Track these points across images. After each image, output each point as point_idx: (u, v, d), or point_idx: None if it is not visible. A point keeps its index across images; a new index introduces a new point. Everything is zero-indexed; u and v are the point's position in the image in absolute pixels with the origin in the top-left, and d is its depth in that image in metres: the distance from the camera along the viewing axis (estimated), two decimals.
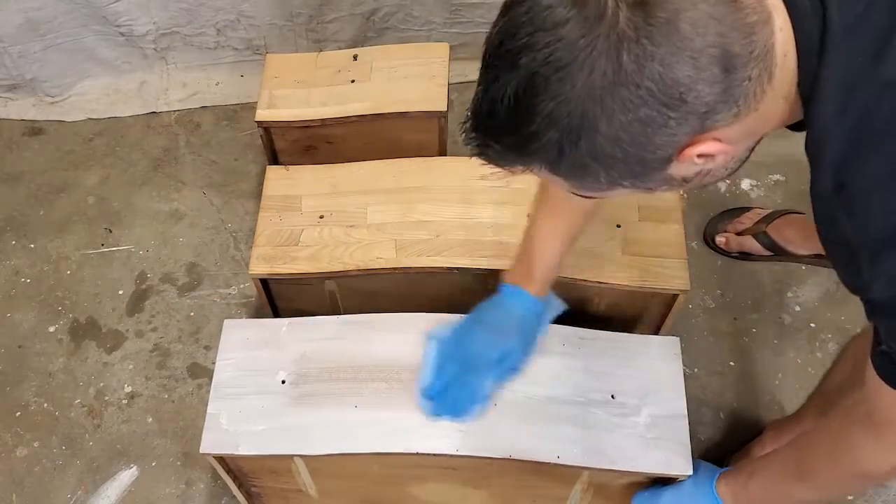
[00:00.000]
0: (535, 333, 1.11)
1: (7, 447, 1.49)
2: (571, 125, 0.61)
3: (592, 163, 0.64)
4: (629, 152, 0.62)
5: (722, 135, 0.64)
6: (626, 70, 0.58)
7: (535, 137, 0.62)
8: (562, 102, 0.60)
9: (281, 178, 1.41)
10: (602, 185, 0.67)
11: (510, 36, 0.62)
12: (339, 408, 1.11)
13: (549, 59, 0.59)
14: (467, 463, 1.11)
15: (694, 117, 0.61)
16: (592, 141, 0.62)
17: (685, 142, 0.63)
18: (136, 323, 1.63)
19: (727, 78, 0.60)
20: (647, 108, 0.60)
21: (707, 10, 0.59)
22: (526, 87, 0.61)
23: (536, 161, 0.66)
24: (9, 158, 1.88)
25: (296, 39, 1.88)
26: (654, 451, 1.09)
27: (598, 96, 0.59)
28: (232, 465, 1.17)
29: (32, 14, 1.75)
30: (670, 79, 0.59)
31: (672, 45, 0.58)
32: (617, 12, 0.58)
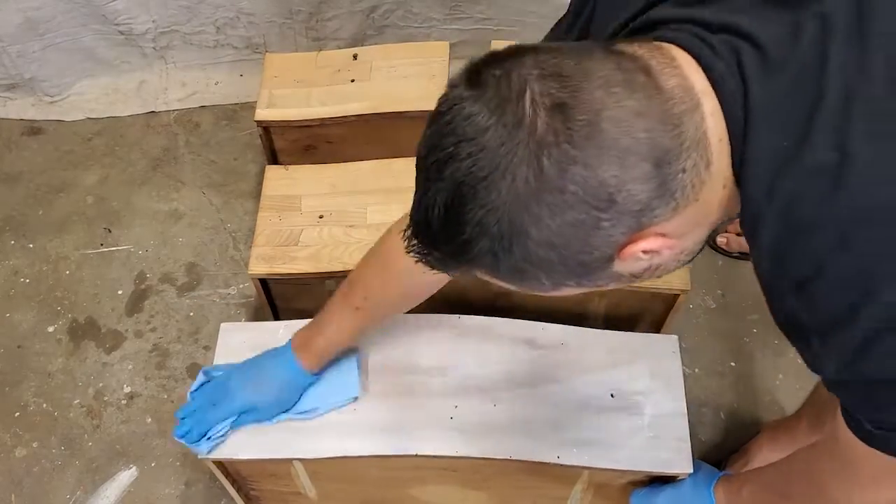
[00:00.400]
0: (292, 397, 1.10)
1: (6, 447, 1.49)
2: (502, 233, 0.59)
3: (530, 267, 0.62)
4: (565, 255, 0.61)
5: (663, 229, 0.62)
6: (548, 175, 0.57)
7: (469, 246, 0.61)
8: (489, 211, 0.59)
9: (280, 177, 1.41)
10: (546, 286, 0.66)
11: (434, 146, 0.61)
12: (338, 410, 1.11)
13: (472, 168, 0.58)
14: (467, 464, 1.10)
15: (628, 216, 0.59)
16: (525, 247, 0.60)
17: (623, 241, 0.61)
18: (135, 323, 1.63)
19: (660, 173, 0.58)
20: (575, 211, 0.58)
21: (631, 106, 0.57)
22: (453, 197, 0.60)
23: (475, 267, 0.64)
24: (8, 158, 1.88)
25: (295, 37, 1.88)
26: (655, 451, 1.09)
27: (524, 203, 0.58)
28: (231, 469, 1.17)
29: (31, 13, 1.75)
30: (595, 181, 0.57)
31: (594, 147, 0.57)
32: (535, 118, 0.57)
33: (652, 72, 0.60)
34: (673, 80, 0.60)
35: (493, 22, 1.86)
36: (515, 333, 1.17)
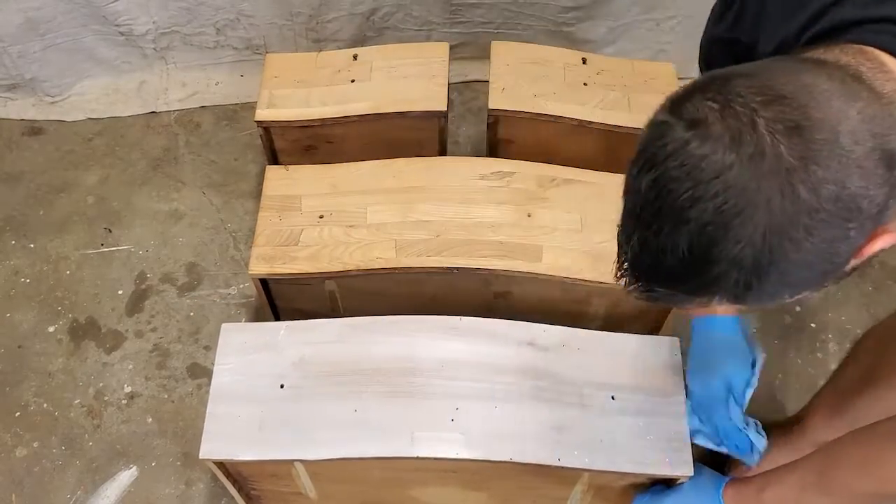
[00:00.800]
0: (747, 343, 1.12)
1: (6, 447, 1.49)
2: (759, 263, 0.60)
3: (782, 288, 0.63)
4: (817, 270, 0.62)
5: (893, 227, 0.63)
6: (803, 199, 0.58)
7: (716, 282, 0.62)
8: (745, 246, 0.60)
9: (281, 177, 1.41)
10: (786, 300, 0.67)
11: (668, 190, 0.61)
12: (338, 411, 1.11)
13: (721, 208, 0.59)
14: (468, 466, 1.10)
15: (869, 221, 0.61)
16: (783, 271, 0.61)
17: (862, 243, 0.63)
18: (135, 323, 1.63)
19: (892, 174, 0.60)
20: (831, 227, 0.59)
21: (857, 117, 0.59)
22: (700, 238, 0.60)
23: (717, 298, 0.65)
24: (8, 158, 1.88)
25: (295, 39, 1.88)
26: (655, 452, 1.09)
27: (784, 230, 0.59)
28: (232, 469, 1.16)
29: (32, 14, 1.75)
30: (846, 195, 0.58)
31: (838, 164, 0.58)
32: (777, 145, 0.57)
33: (864, 78, 0.61)
34: (889, 85, 0.62)
35: (492, 25, 1.86)
36: (516, 335, 1.17)
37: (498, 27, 1.86)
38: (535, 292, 1.33)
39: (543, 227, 1.32)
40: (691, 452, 1.09)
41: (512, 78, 1.48)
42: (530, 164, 1.39)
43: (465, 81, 1.93)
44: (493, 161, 1.43)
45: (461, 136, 1.86)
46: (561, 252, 1.29)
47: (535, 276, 1.29)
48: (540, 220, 1.33)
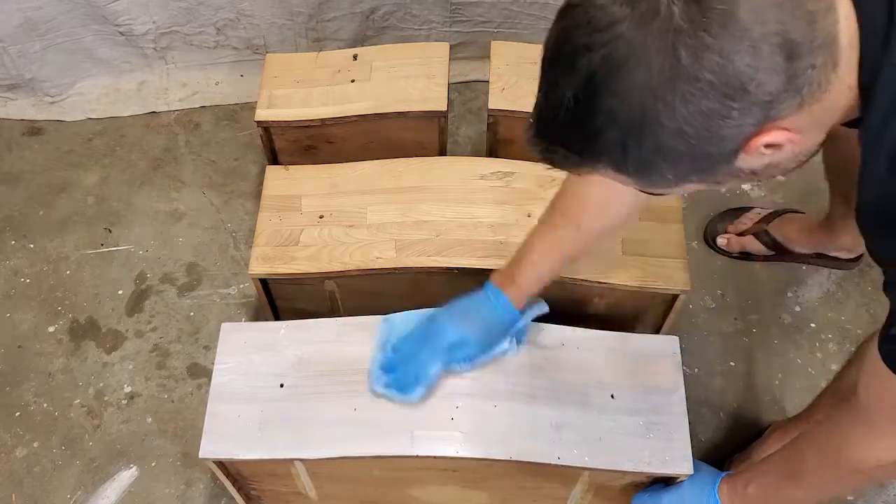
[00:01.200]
0: (497, 337, 1.11)
1: (7, 447, 1.49)
2: (633, 122, 0.61)
3: (658, 159, 0.63)
4: (694, 146, 0.62)
5: (788, 124, 0.63)
6: (683, 63, 0.58)
7: (598, 137, 0.62)
8: (622, 100, 0.60)
9: (281, 178, 1.41)
10: (670, 181, 0.67)
11: (566, 39, 0.62)
12: (338, 411, 1.11)
13: (606, 57, 0.60)
14: (468, 465, 1.11)
15: (758, 108, 0.61)
16: (656, 136, 0.61)
17: (751, 133, 0.62)
18: (135, 323, 1.63)
19: (790, 66, 0.60)
20: (709, 100, 0.59)
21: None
22: (585, 87, 0.61)
23: (602, 162, 0.66)
24: (8, 158, 1.88)
25: (295, 38, 1.88)
26: (655, 452, 1.09)
27: (658, 91, 0.59)
28: (231, 469, 1.17)
29: (32, 14, 1.75)
30: (730, 69, 0.58)
31: (730, 36, 0.58)
32: (671, 7, 0.58)
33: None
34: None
35: (493, 25, 1.86)
36: None
37: (498, 26, 1.86)
38: None
39: None
40: (691, 450, 1.09)
41: (512, 78, 1.47)
42: (530, 164, 1.39)
43: (465, 81, 1.93)
44: (493, 161, 1.43)
45: (461, 136, 1.86)
46: None
47: None
48: None
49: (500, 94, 1.46)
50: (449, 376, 1.13)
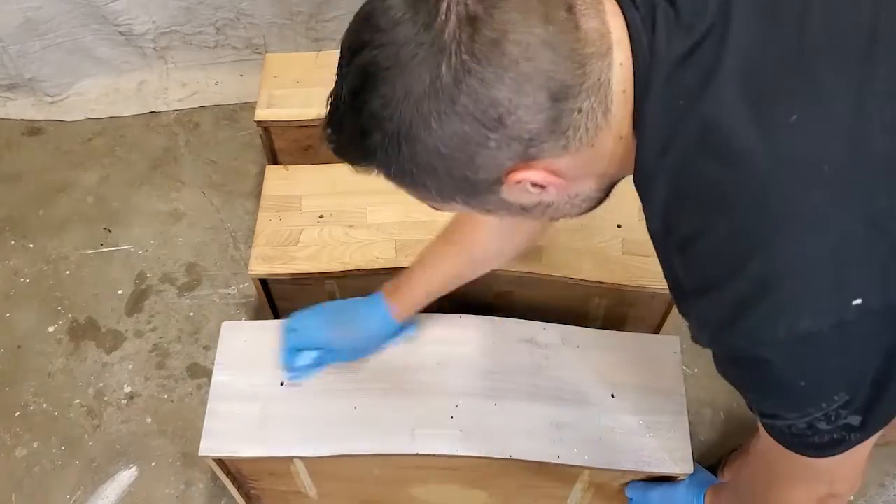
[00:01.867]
0: (373, 346, 1.13)
1: (6, 447, 1.49)
2: (393, 129, 0.61)
3: (418, 172, 0.63)
4: (451, 167, 0.62)
5: (552, 166, 0.62)
6: (443, 81, 0.58)
7: (365, 136, 0.62)
8: (385, 104, 0.60)
9: (280, 177, 1.41)
10: (434, 197, 0.67)
11: (354, 34, 0.62)
12: (338, 409, 1.11)
13: (377, 58, 0.60)
14: (468, 463, 1.11)
15: (516, 143, 0.60)
16: (413, 149, 0.61)
17: (510, 166, 0.62)
18: (135, 323, 1.63)
19: (555, 106, 0.59)
20: (464, 123, 0.59)
21: (541, 36, 0.58)
22: (358, 83, 0.61)
23: (372, 162, 0.65)
24: (8, 158, 1.88)
25: (295, 38, 1.88)
26: (655, 451, 1.09)
27: (416, 104, 0.59)
28: (231, 467, 1.17)
29: (31, 14, 1.75)
30: (487, 98, 0.58)
31: (494, 66, 0.57)
32: (446, 24, 0.57)
33: (574, 10, 0.60)
34: (592, 23, 0.60)
35: None
36: (516, 333, 1.18)
37: None
38: (536, 292, 1.33)
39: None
40: (691, 450, 1.09)
41: None
42: None
43: None
44: None
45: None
46: (561, 252, 1.29)
47: (536, 276, 1.29)
48: None
49: None
50: (449, 376, 1.13)
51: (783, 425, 0.69)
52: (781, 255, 0.58)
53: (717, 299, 0.61)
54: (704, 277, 0.62)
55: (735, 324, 0.60)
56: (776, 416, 0.69)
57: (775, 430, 0.71)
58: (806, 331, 0.58)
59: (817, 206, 0.57)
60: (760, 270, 0.58)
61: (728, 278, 0.60)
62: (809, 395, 0.64)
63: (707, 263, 0.62)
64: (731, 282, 0.60)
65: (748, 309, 0.59)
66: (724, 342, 0.63)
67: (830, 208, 0.57)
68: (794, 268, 0.58)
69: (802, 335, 0.58)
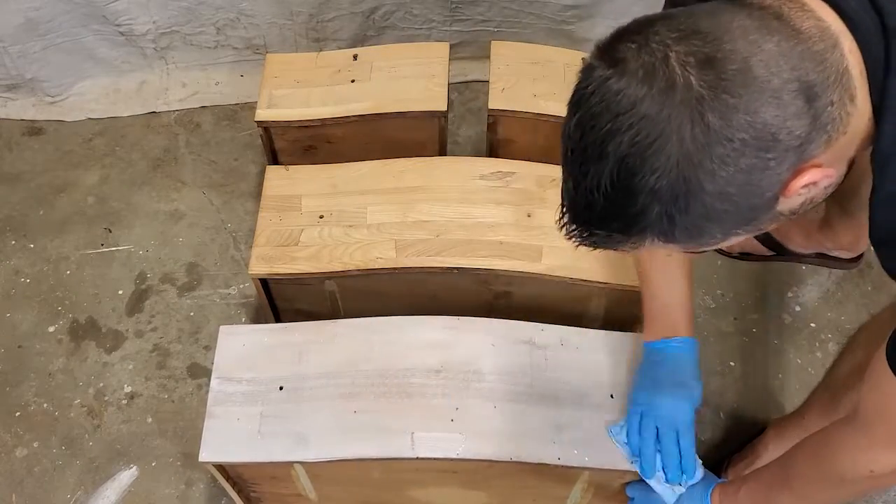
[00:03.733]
0: (694, 375, 1.11)
1: (7, 447, 1.49)
2: (676, 194, 0.62)
3: (705, 223, 0.65)
4: (739, 203, 0.64)
5: (821, 161, 0.65)
6: (714, 128, 0.60)
7: (642, 216, 0.64)
8: (661, 176, 0.61)
9: (281, 178, 1.41)
10: (718, 239, 0.68)
11: (590, 127, 0.63)
12: (338, 413, 1.11)
13: (636, 139, 0.61)
14: (468, 466, 1.10)
15: (791, 153, 0.62)
16: (702, 202, 0.63)
17: (788, 177, 0.64)
18: (135, 323, 1.63)
19: (812, 107, 0.62)
20: (745, 157, 0.61)
21: (773, 49, 0.61)
22: (619, 171, 0.62)
23: (647, 236, 0.66)
24: (8, 158, 1.88)
25: (296, 38, 1.88)
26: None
27: (696, 160, 0.61)
28: (231, 472, 1.16)
29: (32, 14, 1.75)
30: (759, 123, 0.60)
31: (752, 92, 0.60)
32: (688, 77, 0.60)
33: (784, 16, 0.63)
34: (808, 22, 0.63)
35: (493, 24, 1.86)
36: (515, 334, 1.17)
37: (498, 25, 1.86)
38: (535, 292, 1.33)
39: (543, 227, 1.32)
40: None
41: (512, 78, 1.47)
42: (530, 164, 1.39)
43: (465, 81, 1.93)
44: (493, 161, 1.43)
45: (461, 136, 1.86)
46: (561, 252, 1.29)
47: (535, 276, 1.29)
48: (540, 220, 1.33)
49: (500, 94, 1.46)
50: (449, 379, 1.13)
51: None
52: None
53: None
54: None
55: None
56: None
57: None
58: None
59: None
60: None
61: None
62: None
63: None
64: None
65: None
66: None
67: None
68: None
69: None
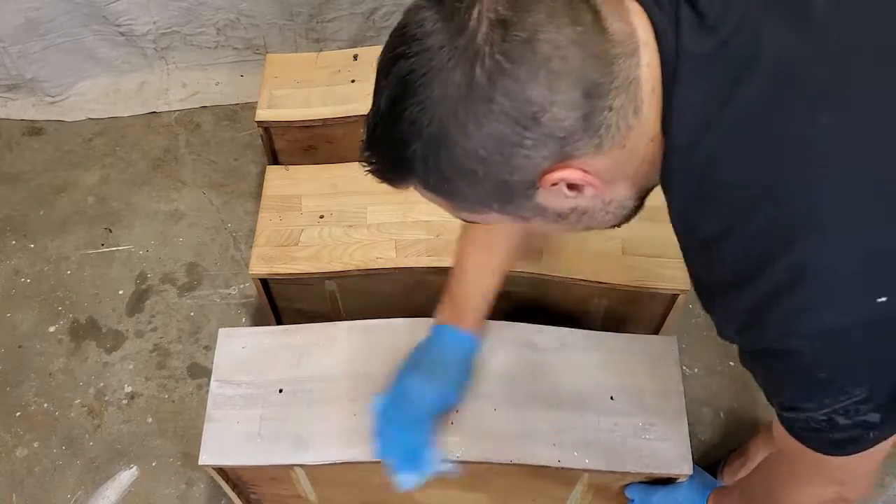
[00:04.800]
0: (470, 368, 1.08)
1: (7, 447, 1.49)
2: (432, 135, 0.62)
3: (456, 178, 0.64)
4: (489, 170, 0.63)
5: (587, 166, 0.63)
6: (478, 83, 0.59)
7: (404, 147, 0.63)
8: (423, 110, 0.61)
9: (281, 178, 1.41)
10: (472, 206, 0.68)
11: (389, 48, 0.64)
12: (338, 416, 1.11)
13: (413, 66, 0.61)
14: (468, 468, 1.10)
15: (552, 141, 0.61)
16: (451, 153, 0.62)
17: (546, 167, 0.63)
18: (136, 323, 1.63)
19: (586, 104, 0.60)
20: (500, 123, 0.60)
21: (570, 35, 0.59)
22: (395, 94, 0.62)
23: (412, 176, 0.66)
24: (8, 158, 1.88)
25: (296, 39, 1.88)
26: (655, 452, 1.08)
27: (454, 107, 0.60)
28: (231, 474, 1.16)
29: (32, 14, 1.75)
30: (522, 96, 0.59)
31: (527, 64, 0.59)
32: (478, 27, 0.59)
33: (600, 14, 0.61)
34: (617, 25, 0.62)
35: None
36: (514, 336, 1.17)
37: None
38: (535, 292, 1.33)
39: None
40: (690, 451, 1.09)
41: None
42: None
43: None
44: None
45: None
46: (561, 252, 1.29)
47: (535, 276, 1.29)
48: None
49: None
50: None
51: (802, 419, 0.69)
52: (813, 251, 0.59)
53: (746, 293, 0.63)
54: (733, 273, 0.63)
55: (762, 317, 0.62)
56: (796, 409, 0.69)
57: (794, 424, 0.72)
58: (830, 325, 0.60)
59: (853, 206, 0.59)
60: (790, 266, 0.60)
61: (757, 274, 0.61)
62: (830, 386, 0.65)
63: (736, 259, 0.63)
64: (759, 277, 0.61)
65: (776, 303, 0.61)
66: (751, 334, 0.65)
67: (866, 208, 0.59)
68: (825, 264, 0.59)
69: (827, 329, 0.60)
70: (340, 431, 1.10)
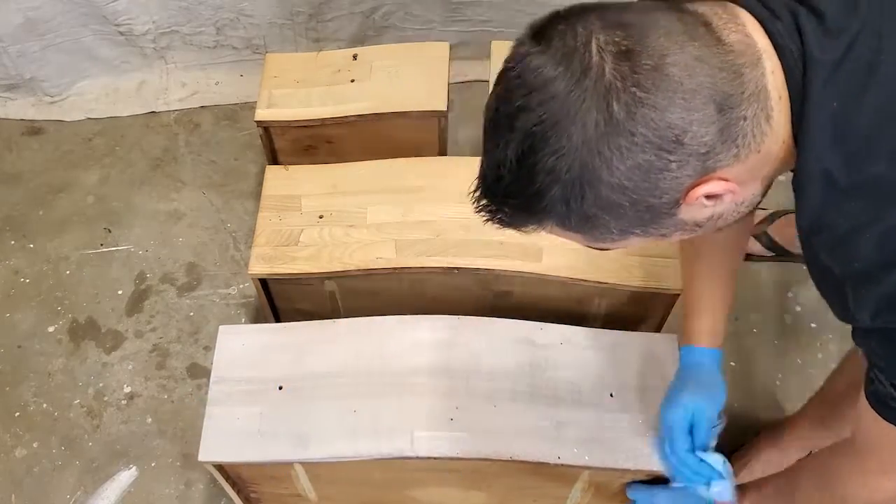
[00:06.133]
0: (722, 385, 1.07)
1: (6, 447, 1.49)
2: (573, 178, 0.62)
3: (601, 213, 0.65)
4: (635, 199, 0.63)
5: (727, 174, 0.65)
6: (617, 119, 0.60)
7: (541, 195, 0.64)
8: (561, 157, 0.61)
9: (280, 177, 1.41)
10: (614, 235, 0.68)
11: (505, 101, 0.64)
12: (338, 413, 1.11)
13: (542, 116, 0.61)
14: (468, 465, 1.10)
15: (694, 159, 0.62)
16: (597, 191, 0.63)
17: (689, 184, 0.64)
18: (135, 323, 1.63)
19: (722, 117, 0.61)
20: (645, 153, 0.61)
21: (693, 53, 0.60)
22: (525, 147, 0.62)
23: (547, 219, 0.67)
24: (8, 158, 1.88)
25: (295, 38, 1.88)
26: (654, 449, 1.08)
27: (595, 147, 0.61)
28: (231, 472, 1.16)
29: (31, 14, 1.75)
30: (664, 122, 0.60)
31: (662, 90, 0.60)
32: (602, 64, 0.60)
33: (712, 26, 0.63)
34: (734, 36, 0.63)
35: (493, 24, 1.86)
36: (515, 334, 1.17)
37: (498, 25, 1.86)
38: (535, 292, 1.33)
39: None
40: None
41: None
42: None
43: (466, 81, 1.93)
44: None
45: (461, 136, 1.86)
46: (561, 252, 1.29)
47: (535, 276, 1.29)
48: None
49: None
50: (449, 378, 1.13)
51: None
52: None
53: (886, 281, 0.64)
54: (874, 262, 0.65)
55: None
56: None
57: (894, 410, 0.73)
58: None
59: None
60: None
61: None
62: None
63: (877, 249, 0.64)
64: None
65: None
66: (888, 317, 0.67)
67: None
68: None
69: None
70: (340, 428, 1.10)
